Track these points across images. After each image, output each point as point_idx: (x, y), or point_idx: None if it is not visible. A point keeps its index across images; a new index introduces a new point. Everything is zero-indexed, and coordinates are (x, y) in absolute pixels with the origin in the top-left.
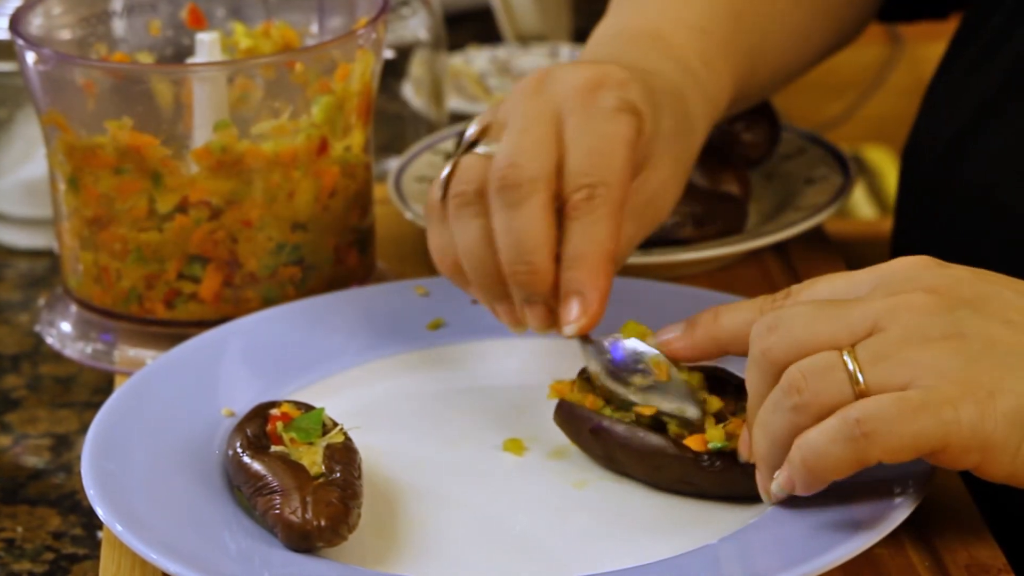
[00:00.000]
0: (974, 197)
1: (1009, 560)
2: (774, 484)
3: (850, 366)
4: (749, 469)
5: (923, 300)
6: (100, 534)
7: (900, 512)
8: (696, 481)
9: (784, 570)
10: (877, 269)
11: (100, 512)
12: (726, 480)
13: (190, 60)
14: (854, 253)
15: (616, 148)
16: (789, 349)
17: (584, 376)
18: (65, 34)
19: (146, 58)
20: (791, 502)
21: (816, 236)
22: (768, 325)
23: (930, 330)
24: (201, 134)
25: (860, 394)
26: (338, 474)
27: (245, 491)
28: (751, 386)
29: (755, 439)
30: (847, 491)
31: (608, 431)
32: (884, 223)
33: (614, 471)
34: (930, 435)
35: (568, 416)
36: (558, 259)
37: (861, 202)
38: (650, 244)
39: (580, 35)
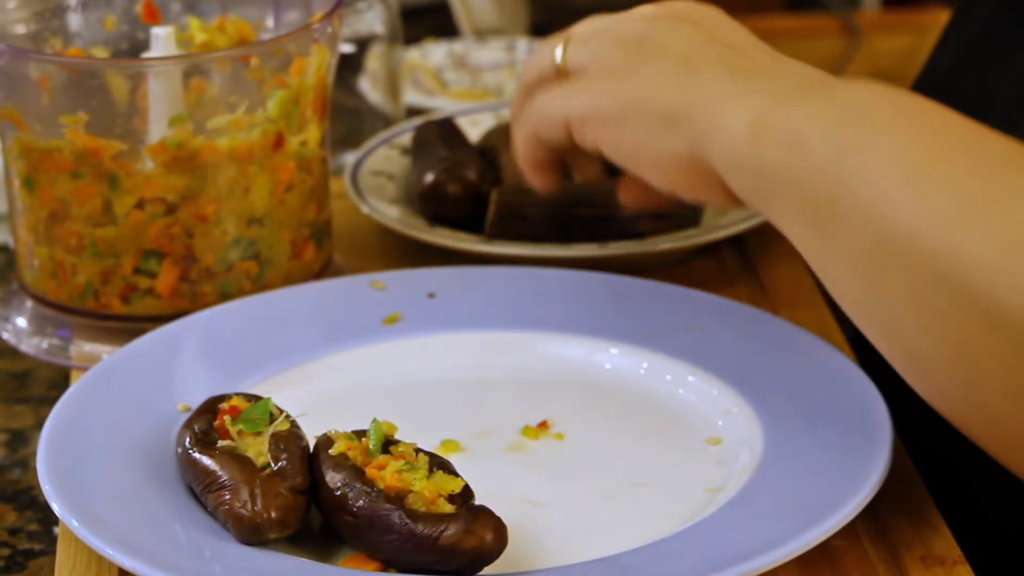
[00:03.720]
0: None
1: (964, 552)
2: None
3: (558, 51)
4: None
5: (647, 9)
6: (56, 530)
7: (855, 504)
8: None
9: (740, 562)
10: None
11: (56, 508)
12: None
13: (145, 55)
14: None
15: None
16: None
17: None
18: (19, 28)
19: (101, 53)
20: (747, 495)
21: (773, 228)
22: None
23: (629, 32)
24: (156, 129)
25: (559, 73)
26: (284, 462)
27: (196, 488)
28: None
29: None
30: (803, 483)
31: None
32: None
33: None
34: (554, 114)
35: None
36: None
37: None
38: (605, 237)
39: (537, 30)
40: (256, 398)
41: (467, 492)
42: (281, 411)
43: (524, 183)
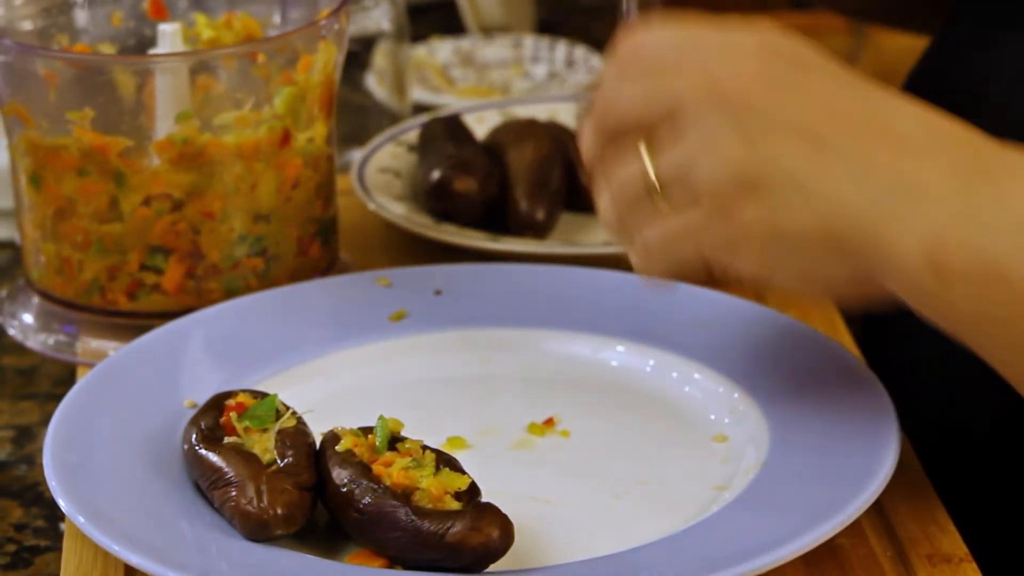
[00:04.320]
0: None
1: (971, 550)
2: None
3: (647, 163)
4: None
5: (735, 83)
6: (63, 526)
7: (861, 502)
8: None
9: (745, 560)
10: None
11: (62, 504)
12: None
13: (152, 51)
14: None
15: None
16: (616, 114)
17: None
18: (26, 25)
19: (108, 49)
20: (753, 493)
21: None
22: (609, 73)
23: (724, 130)
24: (163, 126)
25: (649, 188)
26: (290, 459)
27: (202, 484)
28: (584, 137)
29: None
30: (809, 481)
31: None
32: None
33: None
34: (690, 258)
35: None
36: None
37: None
38: None
39: (543, 26)
40: (262, 395)
41: (473, 489)
42: (287, 408)
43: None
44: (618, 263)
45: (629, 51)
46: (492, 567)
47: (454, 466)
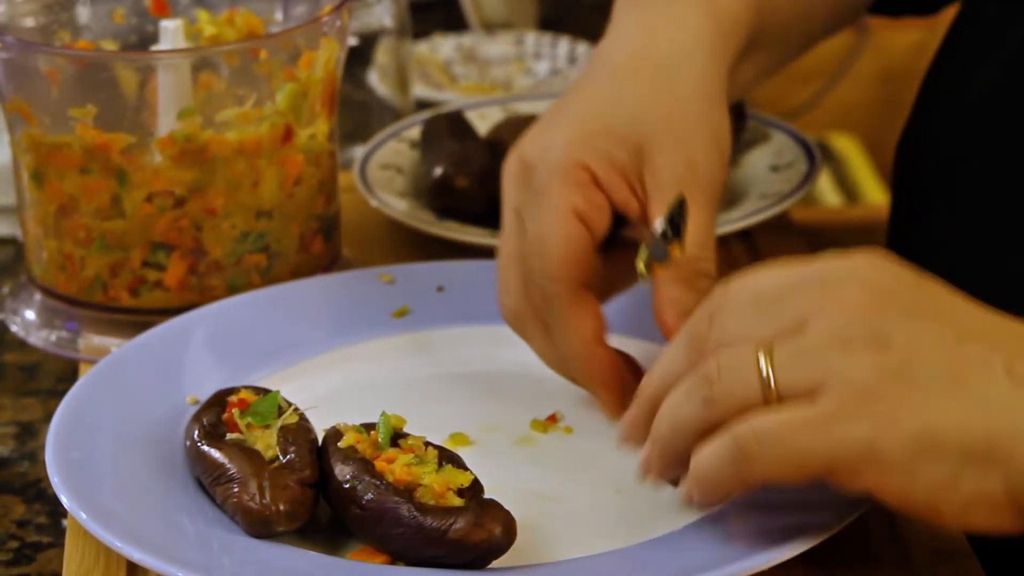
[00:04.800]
0: (977, 187)
1: (972, 546)
2: (677, 492)
3: (763, 366)
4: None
5: (855, 297)
6: (65, 522)
7: (865, 499)
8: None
9: (748, 556)
10: (823, 260)
11: (65, 500)
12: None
13: (154, 48)
14: (819, 240)
15: (550, 237)
16: (719, 340)
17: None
18: (28, 21)
19: (110, 45)
20: (755, 489)
21: (782, 223)
22: (708, 312)
23: (854, 332)
24: (165, 122)
25: (768, 397)
26: (292, 455)
27: (204, 481)
28: (667, 361)
29: (658, 419)
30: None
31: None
32: (850, 210)
33: None
34: (814, 454)
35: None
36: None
37: (826, 189)
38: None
39: (546, 23)
40: (265, 391)
41: (476, 486)
42: (290, 404)
43: None
44: None
45: (740, 289)
46: (495, 563)
47: (457, 462)
